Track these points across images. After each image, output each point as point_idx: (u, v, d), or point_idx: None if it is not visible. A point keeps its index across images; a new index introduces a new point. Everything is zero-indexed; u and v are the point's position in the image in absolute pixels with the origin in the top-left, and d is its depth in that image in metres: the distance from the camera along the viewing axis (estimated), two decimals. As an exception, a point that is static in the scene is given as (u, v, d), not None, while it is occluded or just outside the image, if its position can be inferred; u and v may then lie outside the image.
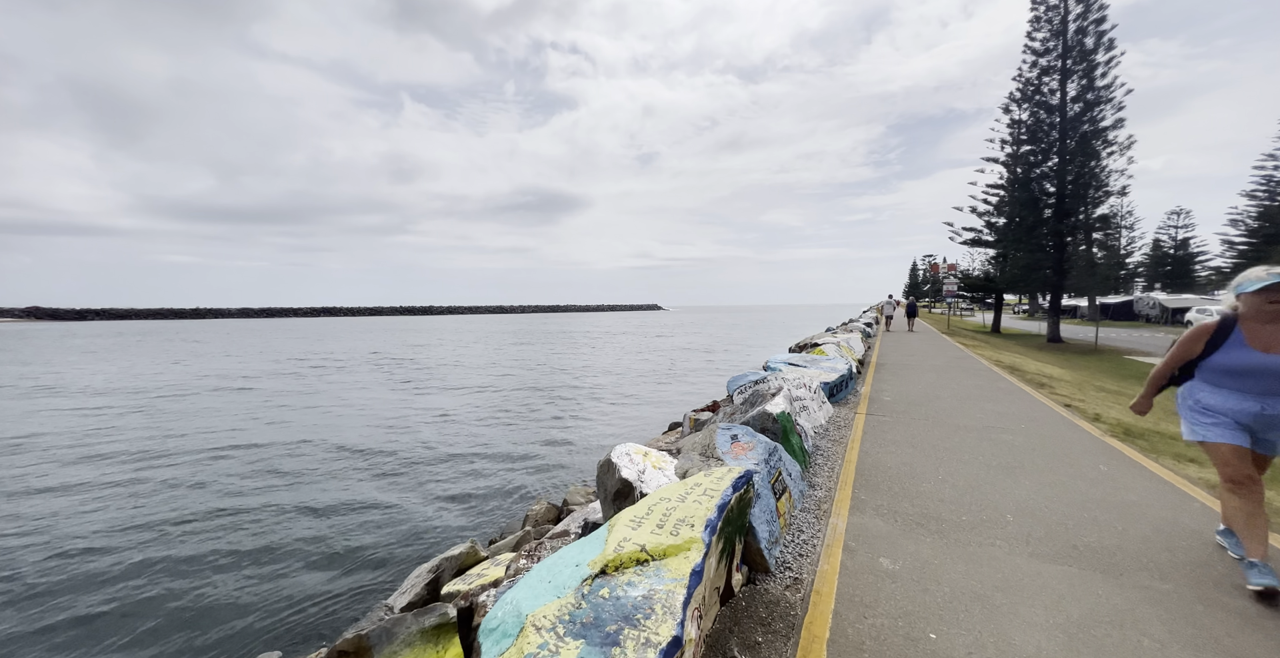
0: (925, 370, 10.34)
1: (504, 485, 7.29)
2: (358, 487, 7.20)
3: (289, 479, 7.56)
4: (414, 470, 7.91)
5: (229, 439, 9.74)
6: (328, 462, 8.39)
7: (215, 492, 7.04)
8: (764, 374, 5.43)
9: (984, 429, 5.58)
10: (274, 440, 9.64)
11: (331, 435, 10.03)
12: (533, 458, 8.45)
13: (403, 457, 8.64)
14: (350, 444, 9.32)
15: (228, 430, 10.45)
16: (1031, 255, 25.51)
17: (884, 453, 4.74)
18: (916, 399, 7.32)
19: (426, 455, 8.66)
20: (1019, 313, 63.22)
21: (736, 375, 5.60)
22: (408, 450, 8.98)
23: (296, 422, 11.29)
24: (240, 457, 8.67)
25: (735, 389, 5.47)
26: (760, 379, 5.48)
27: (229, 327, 64.62)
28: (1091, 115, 23.02)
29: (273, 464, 8.26)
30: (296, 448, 9.19)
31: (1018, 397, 7.52)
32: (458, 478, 7.59)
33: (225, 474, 7.80)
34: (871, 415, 6.29)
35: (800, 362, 7.78)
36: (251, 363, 22.70)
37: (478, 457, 8.58)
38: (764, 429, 4.09)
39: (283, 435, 10.04)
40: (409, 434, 10.12)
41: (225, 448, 9.15)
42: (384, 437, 9.93)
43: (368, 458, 8.58)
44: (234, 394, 14.44)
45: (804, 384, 5.78)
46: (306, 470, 7.97)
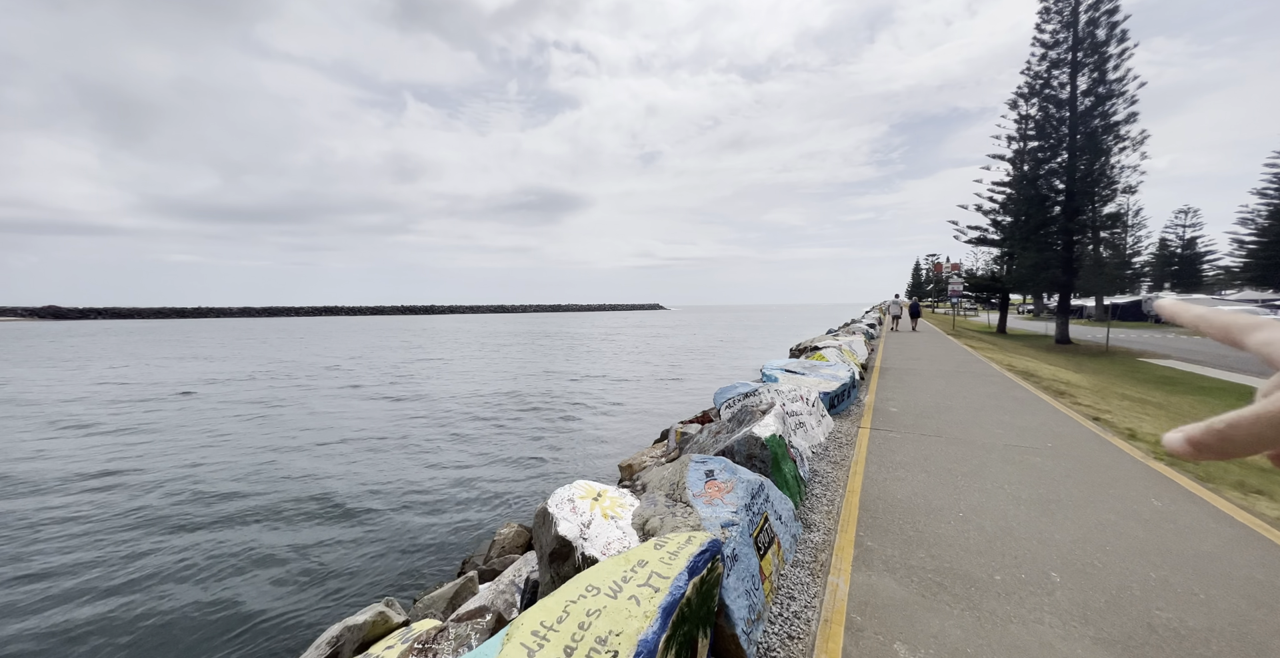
0: (933, 376, 9.65)
1: (481, 500, 6.63)
2: (328, 504, 6.56)
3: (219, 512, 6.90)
4: (387, 486, 7.26)
5: (118, 466, 7.91)
6: (277, 485, 7.75)
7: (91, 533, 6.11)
8: (754, 387, 4.78)
9: (1006, 449, 4.89)
10: (198, 463, 8.68)
11: (286, 449, 9.39)
12: (515, 470, 7.79)
13: (371, 471, 7.99)
14: (308, 460, 8.68)
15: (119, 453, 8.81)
16: (1039, 254, 24.75)
17: (892, 480, 4.07)
18: (926, 410, 6.64)
19: (400, 468, 8.00)
20: (1023, 313, 62.38)
21: (724, 387, 4.95)
22: (378, 463, 8.33)
23: (237, 437, 10.64)
24: (127, 487, 7.07)
25: (723, 403, 4.82)
26: (751, 392, 4.82)
27: (227, 326, 64.14)
28: (1103, 110, 22.25)
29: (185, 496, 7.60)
30: (245, 469, 8.54)
31: (1037, 407, 6.84)
32: (432, 492, 6.93)
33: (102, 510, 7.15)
34: (877, 430, 5.62)
35: (798, 368, 7.11)
36: (211, 366, 22.09)
37: (456, 468, 7.93)
38: (750, 457, 3.42)
39: (217, 456, 9.39)
40: (380, 446, 9.47)
41: (106, 477, 7.47)
42: (348, 450, 9.28)
43: (328, 474, 7.94)
44: (164, 404, 13.67)
45: (801, 397, 5.11)
46: (246, 495, 7.32)
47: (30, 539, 5.52)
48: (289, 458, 8.52)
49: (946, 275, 77.01)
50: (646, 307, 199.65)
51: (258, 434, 10.08)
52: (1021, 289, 30.54)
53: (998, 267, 33.18)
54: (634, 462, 7.05)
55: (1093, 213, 23.57)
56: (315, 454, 8.73)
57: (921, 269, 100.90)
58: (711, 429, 4.50)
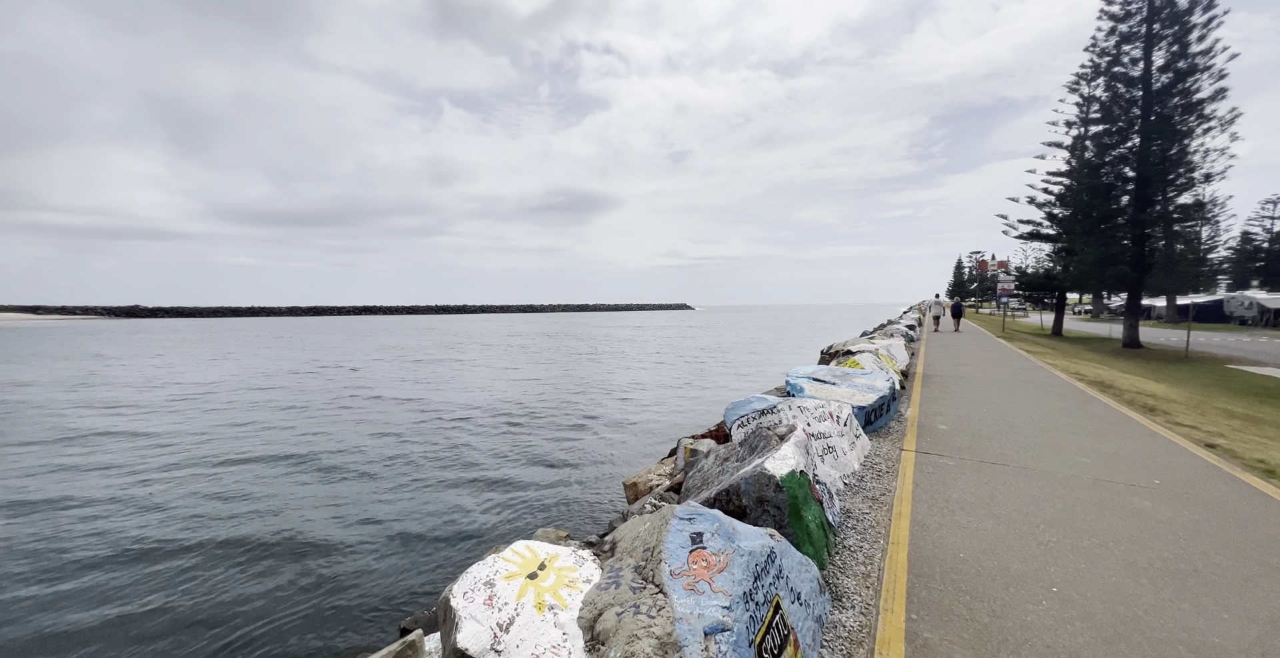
0: (987, 386, 8.46)
1: (457, 527, 6.04)
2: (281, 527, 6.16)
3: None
4: (353, 507, 6.81)
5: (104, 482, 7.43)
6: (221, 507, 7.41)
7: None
8: (772, 401, 3.94)
9: (1097, 486, 3.87)
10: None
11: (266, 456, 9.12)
12: (504, 493, 7.18)
13: (342, 490, 7.57)
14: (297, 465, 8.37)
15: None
16: (1104, 249, 22.41)
17: (950, 527, 3.17)
18: (983, 429, 5.59)
19: (376, 485, 7.55)
20: (1079, 314, 57.85)
21: (737, 402, 4.13)
22: (352, 479, 7.92)
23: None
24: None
25: (735, 421, 4.01)
26: (769, 408, 3.98)
27: (277, 324, 67.36)
28: (1183, 87, 19.85)
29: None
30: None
31: (1125, 428, 5.67)
32: (399, 517, 6.41)
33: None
34: (924, 455, 4.66)
35: (828, 377, 6.18)
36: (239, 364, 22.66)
37: (437, 487, 7.40)
38: (762, 501, 2.62)
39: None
40: (367, 457, 9.09)
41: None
42: (319, 463, 8.92)
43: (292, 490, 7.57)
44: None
45: (830, 414, 4.23)
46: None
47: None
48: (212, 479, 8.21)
49: (992, 274, 72.71)
50: (673, 307, 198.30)
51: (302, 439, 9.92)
52: (1081, 288, 27.91)
53: (1052, 263, 30.56)
54: (639, 480, 6.31)
55: (1163, 203, 21.13)
56: (258, 474, 8.40)
57: (964, 267, 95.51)
58: (719, 454, 3.70)
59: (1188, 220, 21.14)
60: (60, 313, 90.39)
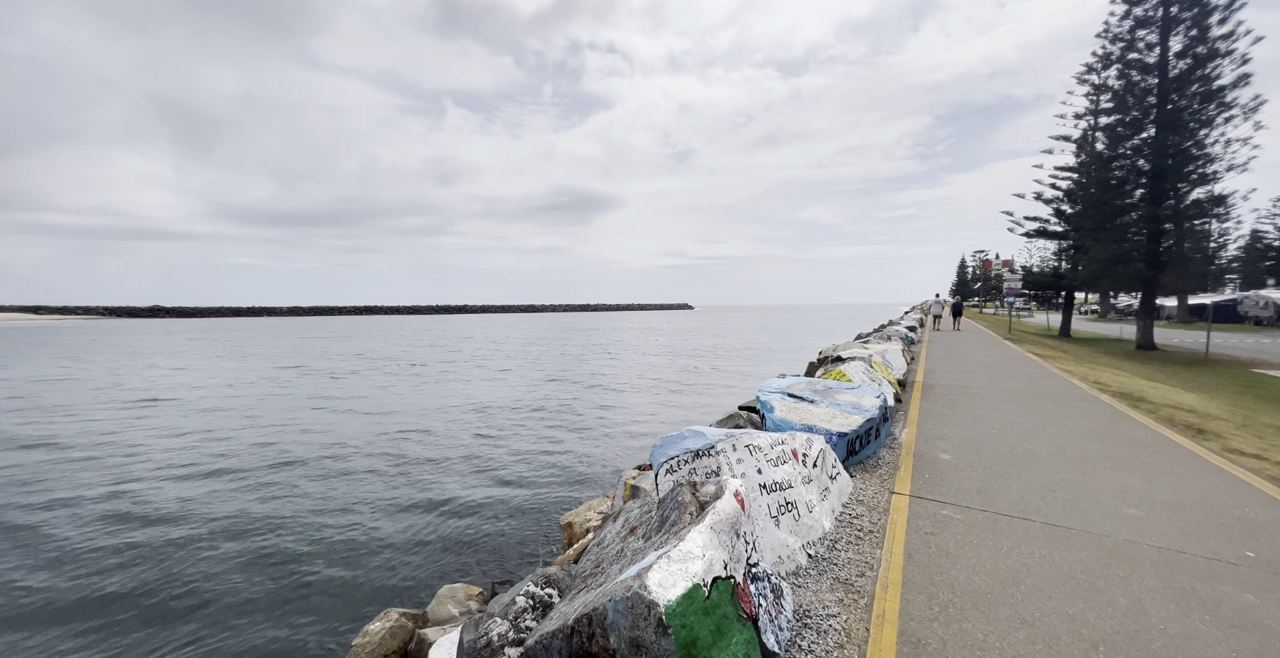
0: (997, 398, 7.33)
1: (351, 574, 4.95)
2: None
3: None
4: (285, 529, 5.73)
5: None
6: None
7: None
8: (711, 440, 2.83)
9: (1167, 560, 2.75)
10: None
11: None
12: (440, 517, 6.10)
13: (283, 508, 6.49)
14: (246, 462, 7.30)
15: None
16: (1116, 246, 21.22)
17: (962, 651, 2.06)
18: (996, 460, 4.48)
19: (280, 516, 6.47)
20: (1085, 314, 56.50)
21: (668, 437, 3.02)
22: (294, 498, 6.83)
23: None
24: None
25: (663, 466, 2.91)
26: (705, 448, 2.87)
27: (275, 324, 66.51)
28: (1203, 73, 18.64)
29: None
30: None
31: (1176, 459, 4.54)
32: (292, 559, 5.33)
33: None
34: (921, 501, 3.55)
35: (806, 393, 5.07)
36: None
37: (350, 514, 6.32)
38: (637, 647, 1.51)
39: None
40: (313, 473, 8.01)
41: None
42: (273, 479, 7.85)
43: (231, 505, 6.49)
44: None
45: (793, 452, 3.12)
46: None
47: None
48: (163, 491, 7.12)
49: (996, 273, 71.31)
50: (674, 306, 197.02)
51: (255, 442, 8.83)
52: (1092, 287, 26.69)
53: (1059, 262, 29.34)
54: (576, 520, 5.23)
55: (1175, 198, 19.93)
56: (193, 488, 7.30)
57: (968, 267, 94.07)
58: (628, 519, 2.59)
59: (1206, 216, 19.92)
60: (61, 313, 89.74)
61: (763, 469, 2.86)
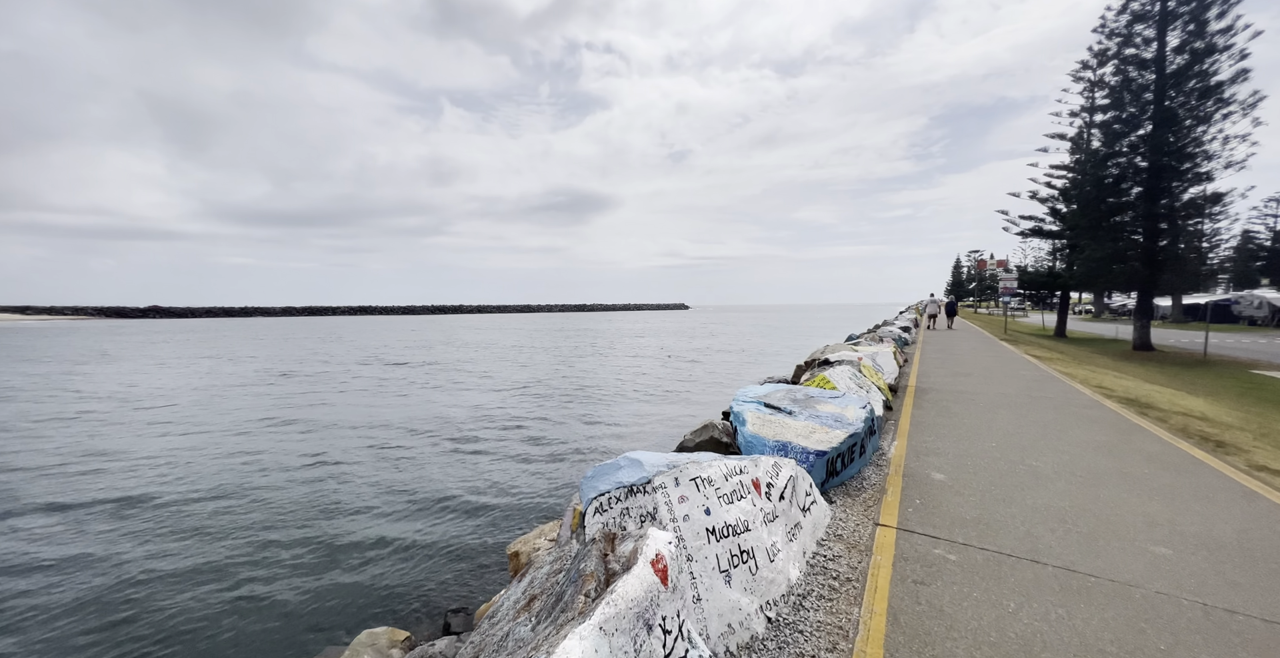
0: (994, 405, 6.80)
1: (263, 607, 4.35)
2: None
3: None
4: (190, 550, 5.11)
5: None
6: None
7: None
8: (649, 471, 2.26)
9: (1214, 622, 2.20)
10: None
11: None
12: (375, 547, 5.49)
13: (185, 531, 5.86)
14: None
15: None
16: (1112, 245, 20.85)
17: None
18: (995, 481, 3.93)
19: (213, 538, 5.85)
20: (1080, 313, 56.43)
21: (602, 467, 2.44)
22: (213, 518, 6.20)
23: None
24: None
25: (592, 504, 2.33)
26: (640, 484, 2.29)
27: (266, 324, 65.48)
28: (1201, 68, 18.27)
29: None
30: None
31: (1200, 479, 4.01)
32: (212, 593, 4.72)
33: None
34: (910, 536, 3.00)
35: (785, 403, 4.52)
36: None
37: (318, 532, 5.71)
38: None
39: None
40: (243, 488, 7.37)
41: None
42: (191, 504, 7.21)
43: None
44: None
45: (754, 483, 2.55)
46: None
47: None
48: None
49: (991, 273, 71.11)
50: (671, 307, 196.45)
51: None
52: (1088, 286, 26.33)
53: (1054, 261, 29.01)
54: (523, 548, 4.64)
55: (1172, 196, 19.59)
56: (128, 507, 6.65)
57: (963, 267, 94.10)
58: (533, 583, 2.01)
59: (1204, 214, 19.56)
60: (49, 313, 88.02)
61: (712, 509, 2.29)
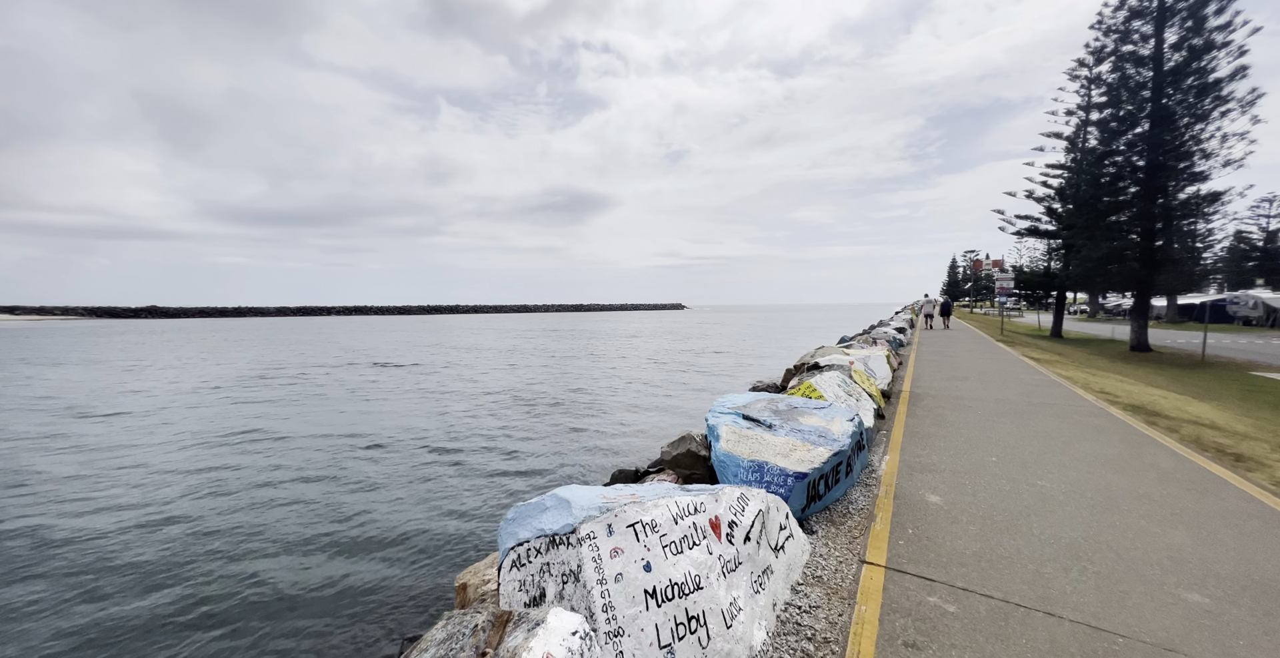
0: (993, 412, 6.39)
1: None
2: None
3: None
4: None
5: None
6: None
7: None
8: (577, 517, 1.82)
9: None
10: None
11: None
12: (335, 572, 5.01)
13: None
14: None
15: None
16: (1109, 245, 20.57)
17: None
18: (998, 506, 3.50)
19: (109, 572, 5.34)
20: (1075, 313, 56.40)
21: (522, 508, 1.99)
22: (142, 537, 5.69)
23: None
24: None
25: (508, 556, 1.88)
26: (563, 534, 1.84)
27: (255, 325, 64.59)
28: (1199, 65, 17.99)
29: None
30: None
31: (1225, 501, 3.59)
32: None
33: None
34: (901, 579, 2.56)
35: (765, 415, 4.08)
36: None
37: (245, 564, 5.22)
38: None
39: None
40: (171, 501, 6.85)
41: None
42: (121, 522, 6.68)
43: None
44: None
45: (710, 524, 2.11)
46: None
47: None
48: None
49: (986, 273, 70.91)
50: (668, 306, 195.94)
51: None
52: (1084, 286, 26.05)
53: (1049, 261, 28.78)
54: (472, 580, 4.17)
55: (1169, 195, 19.34)
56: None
57: (959, 267, 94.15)
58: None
59: (1202, 213, 19.28)
60: (39, 313, 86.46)
61: (654, 563, 1.84)
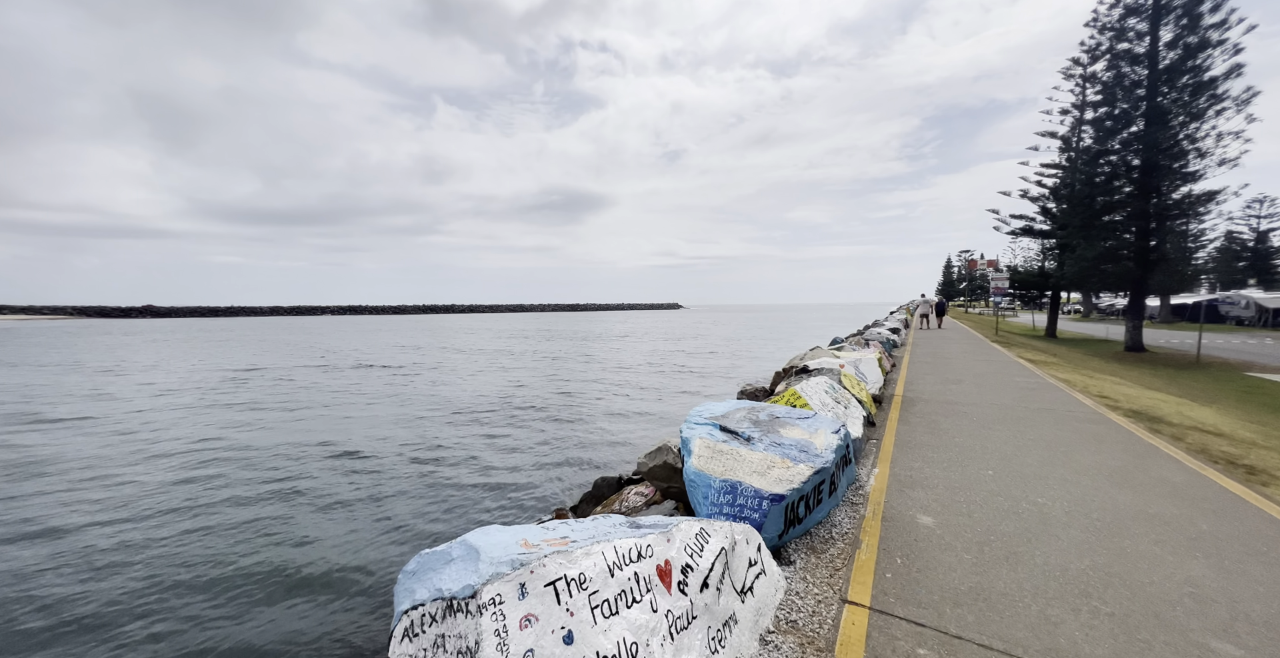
0: (989, 419, 6.09)
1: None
2: None
3: None
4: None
5: None
6: None
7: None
8: (480, 577, 1.48)
9: None
10: None
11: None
12: (262, 602, 4.64)
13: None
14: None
15: None
16: (1104, 244, 20.42)
17: None
18: (996, 530, 3.18)
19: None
20: (1068, 313, 56.50)
21: (427, 557, 1.63)
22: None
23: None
24: None
25: (402, 617, 1.54)
26: (462, 599, 1.49)
27: (245, 324, 63.75)
28: (1194, 64, 17.83)
29: None
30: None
31: (1243, 522, 3.29)
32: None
33: None
34: (887, 623, 2.23)
35: (744, 427, 3.75)
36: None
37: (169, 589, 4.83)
38: None
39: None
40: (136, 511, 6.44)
41: None
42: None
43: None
44: None
45: (658, 573, 1.77)
46: None
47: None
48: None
49: (981, 273, 71.04)
50: (665, 306, 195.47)
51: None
52: (1079, 286, 25.94)
53: (1043, 261, 28.65)
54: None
55: (1163, 194, 19.20)
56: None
57: (954, 267, 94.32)
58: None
59: (1197, 213, 19.14)
60: (27, 313, 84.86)
61: (578, 632, 1.49)
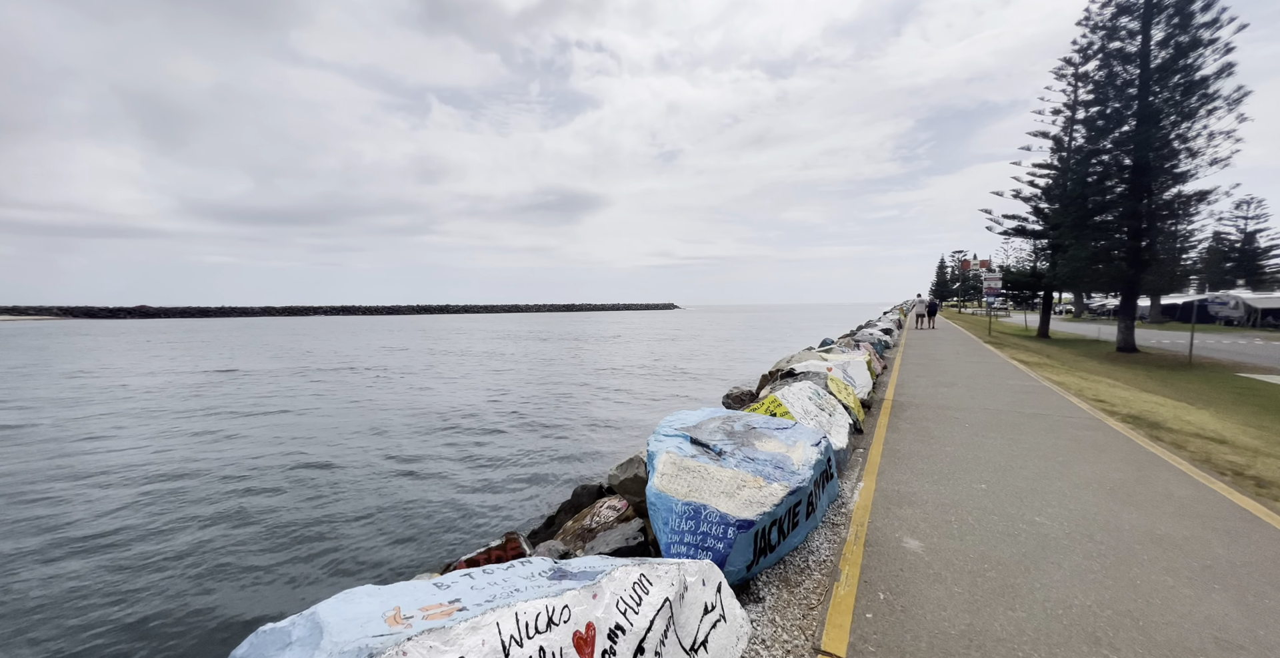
0: (982, 425, 5.79)
1: None
2: None
3: None
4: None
5: None
6: None
7: None
8: (382, 642, 1.15)
9: None
10: None
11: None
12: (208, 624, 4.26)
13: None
14: None
15: None
16: (1096, 244, 20.31)
17: None
18: (990, 557, 2.86)
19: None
20: (1060, 313, 56.76)
21: (267, 633, 1.28)
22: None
23: None
24: None
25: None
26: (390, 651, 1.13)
27: (237, 325, 62.77)
28: (1186, 63, 17.73)
29: None
30: None
31: (1260, 545, 2.99)
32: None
33: None
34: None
35: (716, 439, 3.42)
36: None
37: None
38: None
39: None
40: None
41: None
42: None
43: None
44: None
45: (574, 644, 1.42)
46: None
47: None
48: None
49: (974, 273, 71.50)
50: (660, 306, 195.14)
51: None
52: (1071, 286, 25.87)
53: (1035, 261, 28.62)
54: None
55: (1153, 194, 19.12)
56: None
57: (947, 267, 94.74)
58: None
59: (1188, 212, 19.06)
60: (12, 313, 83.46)
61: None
